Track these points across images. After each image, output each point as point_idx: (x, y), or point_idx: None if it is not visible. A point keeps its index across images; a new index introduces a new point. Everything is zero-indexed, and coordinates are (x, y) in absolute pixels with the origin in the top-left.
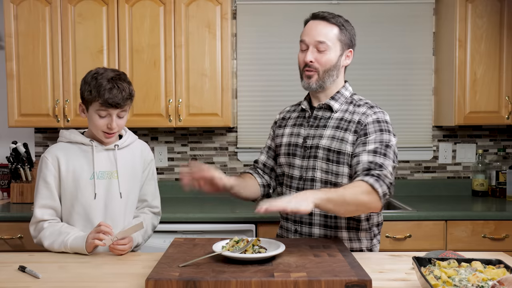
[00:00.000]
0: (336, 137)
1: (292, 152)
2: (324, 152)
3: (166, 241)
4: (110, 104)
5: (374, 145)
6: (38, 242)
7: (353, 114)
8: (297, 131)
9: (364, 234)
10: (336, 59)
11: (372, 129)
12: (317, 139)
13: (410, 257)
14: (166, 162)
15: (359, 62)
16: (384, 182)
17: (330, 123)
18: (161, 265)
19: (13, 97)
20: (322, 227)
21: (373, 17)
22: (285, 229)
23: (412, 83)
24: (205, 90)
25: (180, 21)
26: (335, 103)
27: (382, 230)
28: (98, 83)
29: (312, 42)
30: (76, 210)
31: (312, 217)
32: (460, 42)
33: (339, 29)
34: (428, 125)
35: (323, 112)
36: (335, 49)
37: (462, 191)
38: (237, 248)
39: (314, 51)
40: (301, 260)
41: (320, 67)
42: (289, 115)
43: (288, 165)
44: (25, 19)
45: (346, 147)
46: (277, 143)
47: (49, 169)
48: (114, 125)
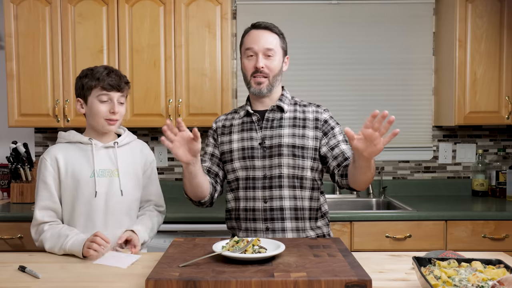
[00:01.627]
0: (296, 134)
1: (249, 155)
2: (289, 149)
3: (166, 241)
4: (112, 85)
5: (341, 136)
6: (40, 245)
7: (304, 113)
8: (248, 135)
9: (321, 222)
10: (281, 65)
11: (333, 124)
12: (277, 138)
13: (410, 257)
14: (166, 162)
15: (359, 62)
16: None
17: (285, 123)
18: (161, 265)
19: (13, 97)
20: (293, 220)
21: (373, 17)
22: (252, 230)
23: (412, 83)
24: (205, 90)
25: (180, 21)
26: (284, 105)
27: (382, 230)
28: (95, 71)
29: (261, 49)
30: (77, 209)
31: (283, 212)
32: (460, 42)
33: (279, 37)
34: (428, 125)
35: (274, 114)
36: (279, 55)
37: (462, 191)
38: (237, 248)
39: (263, 57)
40: (301, 260)
41: (270, 73)
42: (230, 123)
43: (245, 168)
44: (25, 19)
45: (308, 142)
46: (224, 150)
47: (48, 170)
48: (116, 108)
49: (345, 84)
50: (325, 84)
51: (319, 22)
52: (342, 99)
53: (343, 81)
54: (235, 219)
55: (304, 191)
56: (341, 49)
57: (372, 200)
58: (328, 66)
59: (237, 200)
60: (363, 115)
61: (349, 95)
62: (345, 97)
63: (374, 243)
